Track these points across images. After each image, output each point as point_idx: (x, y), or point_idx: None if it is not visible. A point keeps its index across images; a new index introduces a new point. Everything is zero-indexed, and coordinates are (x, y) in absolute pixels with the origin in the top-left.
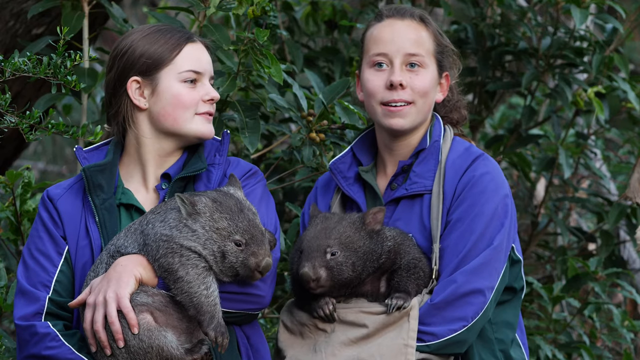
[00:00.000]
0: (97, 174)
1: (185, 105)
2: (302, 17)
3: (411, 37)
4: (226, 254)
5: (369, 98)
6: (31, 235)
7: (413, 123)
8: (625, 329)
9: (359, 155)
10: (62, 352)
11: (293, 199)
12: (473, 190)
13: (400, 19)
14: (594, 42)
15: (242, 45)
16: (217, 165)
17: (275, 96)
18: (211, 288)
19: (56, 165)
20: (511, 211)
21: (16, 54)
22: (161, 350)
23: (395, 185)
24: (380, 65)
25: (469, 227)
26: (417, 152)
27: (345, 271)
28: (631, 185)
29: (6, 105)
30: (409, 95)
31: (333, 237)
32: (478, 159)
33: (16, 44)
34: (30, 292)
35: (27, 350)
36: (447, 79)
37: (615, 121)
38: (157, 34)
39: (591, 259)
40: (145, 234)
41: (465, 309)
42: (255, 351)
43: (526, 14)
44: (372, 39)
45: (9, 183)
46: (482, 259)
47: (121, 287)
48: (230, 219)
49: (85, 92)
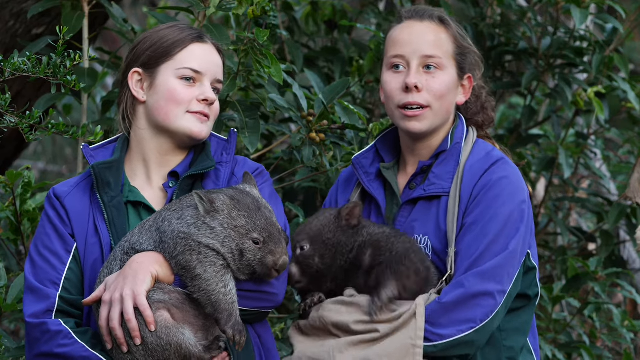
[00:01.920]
0: (105, 172)
1: (178, 101)
2: (302, 17)
3: (429, 39)
4: (244, 252)
5: (387, 100)
6: (38, 233)
7: (430, 126)
8: (625, 329)
9: (381, 151)
10: (75, 349)
11: (293, 199)
12: (489, 194)
13: (419, 21)
14: (594, 42)
15: (242, 45)
16: (224, 164)
17: (275, 96)
18: (229, 286)
19: (56, 165)
20: (528, 217)
21: (16, 54)
22: (179, 347)
23: (414, 185)
24: (397, 67)
25: (483, 230)
26: (437, 154)
27: (312, 265)
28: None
29: (6, 105)
30: (425, 97)
31: (304, 232)
32: (497, 162)
33: (16, 44)
34: (39, 290)
35: (39, 348)
36: (470, 81)
37: (615, 121)
38: (169, 30)
39: (591, 259)
40: (162, 231)
41: (474, 310)
42: (267, 350)
43: (526, 14)
44: (391, 41)
45: (9, 183)
46: (496, 262)
47: (137, 284)
48: (248, 217)
49: (85, 92)
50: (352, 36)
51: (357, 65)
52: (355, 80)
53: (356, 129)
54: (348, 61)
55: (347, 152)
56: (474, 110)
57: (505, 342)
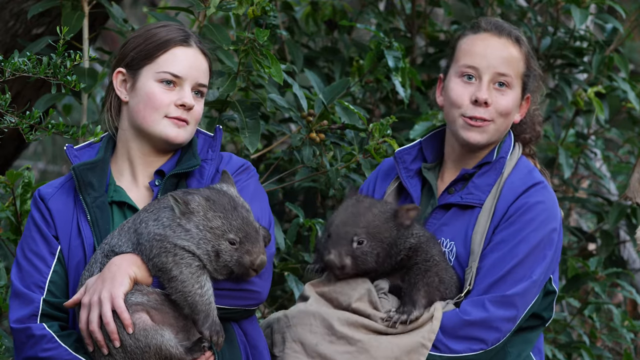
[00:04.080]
0: (87, 172)
1: (155, 105)
2: (302, 17)
3: (504, 56)
4: (220, 253)
5: (451, 107)
6: (24, 236)
7: (489, 140)
8: (625, 329)
9: (425, 151)
10: (58, 353)
11: (293, 199)
12: (524, 217)
13: (497, 36)
14: (594, 42)
15: (242, 45)
16: (209, 161)
17: (275, 96)
18: (205, 287)
19: (56, 165)
20: (557, 245)
21: (16, 54)
22: (159, 349)
23: (452, 190)
24: (469, 78)
25: (511, 252)
26: (481, 164)
27: (369, 261)
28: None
29: (6, 105)
30: (491, 113)
31: (361, 224)
32: (536, 185)
33: (16, 44)
34: (24, 294)
35: (24, 352)
36: (528, 101)
37: (615, 121)
38: (156, 30)
39: (591, 259)
40: (139, 233)
41: (489, 333)
42: (252, 347)
43: (526, 14)
44: (464, 49)
45: (9, 183)
46: (519, 289)
47: (115, 286)
48: (224, 218)
49: (85, 92)
50: (352, 36)
51: (357, 65)
52: (355, 80)
53: (356, 129)
54: (348, 61)
55: (347, 152)
56: (524, 127)
57: (509, 348)
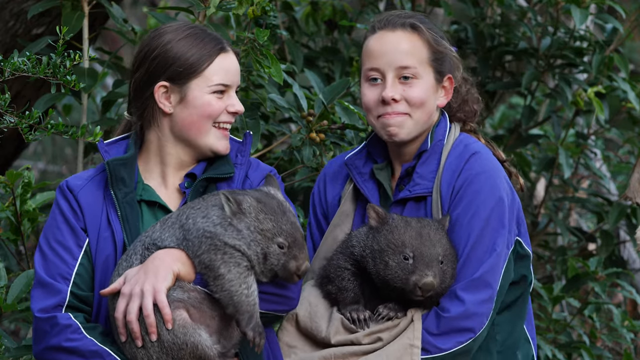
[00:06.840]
0: (120, 168)
1: (212, 115)
2: (302, 17)
3: (402, 49)
4: (268, 256)
5: (367, 113)
6: (49, 226)
7: (411, 133)
8: (625, 329)
9: (372, 153)
10: (84, 344)
11: (293, 199)
12: (469, 189)
13: (391, 31)
14: (594, 42)
15: (242, 45)
16: (239, 166)
17: (275, 96)
18: (252, 287)
19: (56, 165)
20: (511, 208)
21: (16, 54)
22: (195, 348)
23: (402, 186)
24: (374, 80)
25: (466, 230)
26: (419, 154)
27: (445, 281)
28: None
29: (6, 105)
30: (404, 107)
31: (439, 245)
32: (473, 156)
33: (16, 44)
34: (50, 284)
35: (47, 341)
36: (451, 81)
37: (615, 121)
38: (192, 40)
39: (591, 259)
40: (186, 229)
41: (473, 320)
42: (274, 357)
43: (526, 14)
44: (366, 53)
45: (9, 183)
46: (486, 267)
47: (159, 280)
48: (274, 221)
49: (85, 92)
50: (352, 36)
51: (357, 65)
52: (355, 80)
53: (356, 129)
54: (348, 61)
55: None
56: (456, 107)
57: (498, 337)
